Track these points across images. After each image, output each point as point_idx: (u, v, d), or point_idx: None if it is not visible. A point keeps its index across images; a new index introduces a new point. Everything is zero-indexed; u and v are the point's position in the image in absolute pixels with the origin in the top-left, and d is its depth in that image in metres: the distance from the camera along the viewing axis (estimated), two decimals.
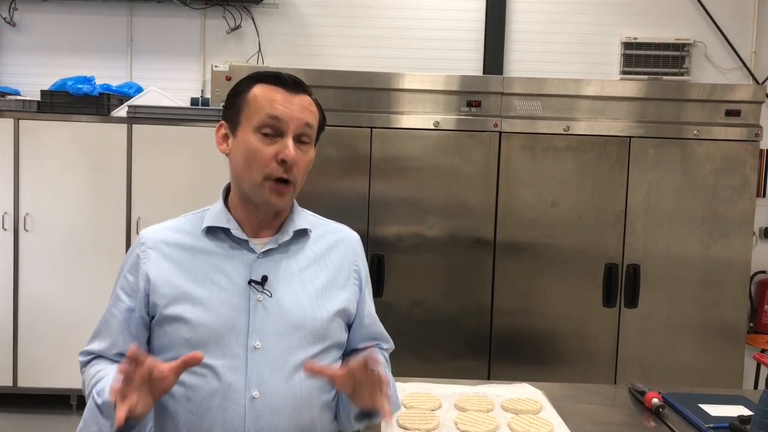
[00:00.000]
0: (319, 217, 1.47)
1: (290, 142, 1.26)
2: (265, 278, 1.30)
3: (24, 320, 3.63)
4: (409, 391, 1.69)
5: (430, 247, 3.21)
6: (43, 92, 3.72)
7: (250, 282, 1.29)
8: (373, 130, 3.18)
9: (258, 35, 4.18)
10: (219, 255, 1.32)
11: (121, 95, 3.85)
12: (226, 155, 1.34)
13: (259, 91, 1.29)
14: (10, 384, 3.63)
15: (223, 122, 1.35)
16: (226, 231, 1.33)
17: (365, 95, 3.18)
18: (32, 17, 4.23)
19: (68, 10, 4.20)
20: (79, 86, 3.64)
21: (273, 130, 1.26)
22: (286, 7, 4.18)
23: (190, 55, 4.22)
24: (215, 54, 4.19)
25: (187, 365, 1.14)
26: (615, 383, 3.13)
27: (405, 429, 1.47)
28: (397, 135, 3.19)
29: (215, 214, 1.35)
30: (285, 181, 1.27)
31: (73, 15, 4.21)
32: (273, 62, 4.11)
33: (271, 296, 1.29)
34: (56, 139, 3.60)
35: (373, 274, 3.14)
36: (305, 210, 1.44)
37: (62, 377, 3.59)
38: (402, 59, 4.11)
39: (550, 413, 1.59)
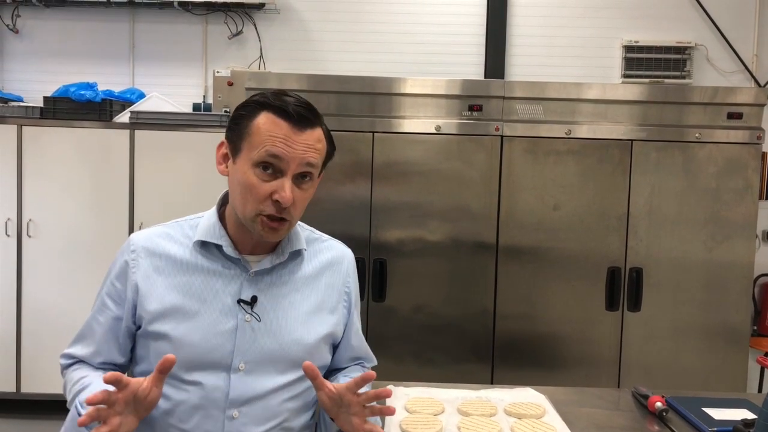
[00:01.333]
0: (315, 231, 1.45)
1: (288, 184, 1.20)
2: (254, 299, 1.27)
3: (27, 326, 3.63)
4: (412, 395, 1.69)
5: (433, 252, 3.21)
6: (45, 98, 3.74)
7: (239, 302, 1.27)
8: (375, 134, 3.19)
9: (260, 41, 4.20)
10: (209, 271, 1.29)
11: (124, 101, 3.87)
12: (225, 176, 1.30)
13: (263, 121, 1.22)
14: (14, 390, 3.63)
15: (224, 141, 1.30)
16: (219, 246, 1.30)
17: (367, 100, 3.19)
18: (35, 24, 4.25)
19: (70, 16, 4.22)
20: (82, 92, 3.66)
21: (272, 168, 1.21)
22: (288, 13, 4.20)
23: (192, 60, 4.23)
24: (217, 59, 4.20)
25: (163, 372, 1.11)
26: (618, 387, 3.13)
27: None
28: (399, 139, 3.19)
29: (208, 227, 1.31)
30: (279, 219, 1.24)
31: (76, 21, 4.23)
32: (275, 67, 4.12)
33: (259, 320, 1.27)
34: (59, 145, 3.62)
35: (375, 279, 3.16)
36: (300, 224, 1.40)
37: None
38: (403, 64, 4.12)
39: (553, 417, 1.59)
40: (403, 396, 1.67)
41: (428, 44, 4.16)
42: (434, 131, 3.18)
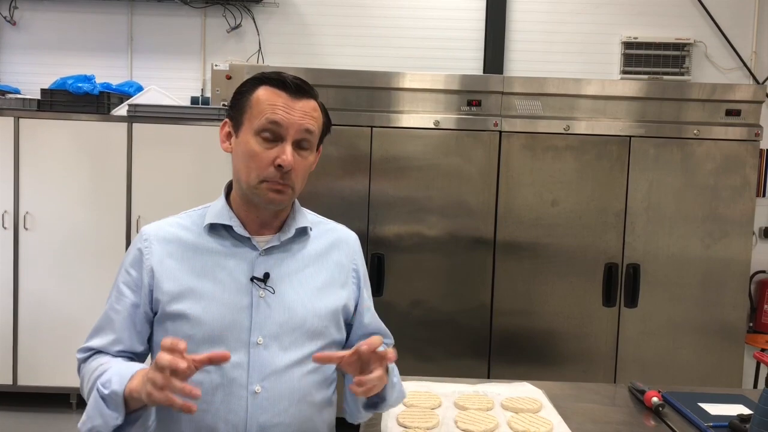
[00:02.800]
0: (318, 216, 1.48)
1: (288, 148, 1.26)
2: (267, 275, 1.31)
3: (24, 319, 3.63)
4: (410, 389, 1.69)
5: (430, 247, 3.21)
6: (43, 91, 3.72)
7: (252, 279, 1.30)
8: (374, 129, 3.18)
9: (258, 34, 4.18)
10: (221, 252, 1.32)
11: (122, 94, 3.85)
12: (229, 153, 1.35)
13: (262, 93, 1.29)
14: (10, 382, 3.63)
15: (227, 120, 1.36)
16: (228, 228, 1.34)
17: (365, 94, 3.18)
18: (32, 16, 4.23)
19: (68, 8, 4.20)
20: (80, 85, 3.64)
21: (272, 134, 1.27)
22: (287, 6, 4.18)
23: (190, 54, 4.22)
24: (215, 53, 4.18)
25: (213, 362, 1.11)
26: (615, 382, 3.14)
27: (405, 427, 1.47)
28: (398, 134, 3.19)
29: (217, 211, 1.35)
30: (283, 184, 1.29)
31: (74, 14, 4.21)
32: (273, 61, 4.10)
33: (273, 293, 1.31)
34: (56, 137, 3.60)
35: (373, 274, 3.15)
36: (305, 209, 1.44)
37: (62, 376, 3.59)
38: (402, 58, 4.11)
39: (549, 412, 1.59)
40: None
41: (427, 39, 4.15)
42: (433, 126, 3.18)
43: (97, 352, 1.33)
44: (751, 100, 3.19)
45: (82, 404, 3.71)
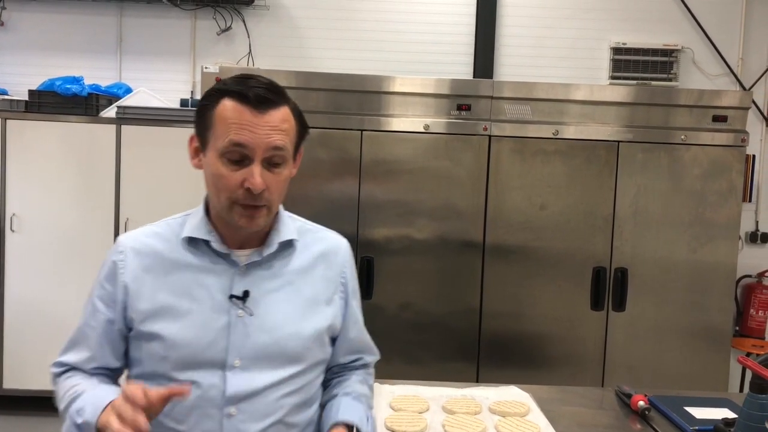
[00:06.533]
0: (308, 222, 1.41)
1: (257, 170, 1.17)
2: (246, 293, 1.25)
3: (10, 321, 3.60)
4: (397, 393, 1.69)
5: (420, 250, 3.21)
6: (31, 92, 3.69)
7: (231, 297, 1.24)
8: (363, 132, 3.19)
9: (248, 37, 4.18)
10: (199, 268, 1.26)
11: (110, 96, 3.83)
12: (198, 169, 1.28)
13: (223, 109, 1.18)
14: None
15: (194, 135, 1.27)
16: (207, 242, 1.27)
17: (355, 98, 3.18)
18: (21, 16, 4.20)
19: (57, 9, 4.17)
20: (68, 86, 3.62)
21: (239, 155, 1.18)
22: (277, 9, 4.18)
23: (180, 56, 4.20)
24: (205, 55, 4.17)
25: (174, 396, 1.10)
26: (602, 386, 3.15)
27: (392, 431, 1.47)
28: (387, 138, 3.19)
29: (195, 224, 1.28)
30: (254, 206, 1.21)
31: (62, 14, 4.18)
32: (263, 64, 4.10)
33: (252, 315, 1.25)
34: (44, 139, 3.58)
35: (362, 277, 3.14)
36: (292, 216, 1.38)
37: (49, 379, 3.56)
38: (392, 62, 4.12)
39: (537, 416, 1.60)
40: (388, 394, 1.68)
41: (418, 43, 4.16)
42: (423, 130, 3.19)
43: (72, 368, 1.30)
44: (738, 106, 3.22)
45: None
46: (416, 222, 3.20)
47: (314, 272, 1.34)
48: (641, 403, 1.67)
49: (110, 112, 3.64)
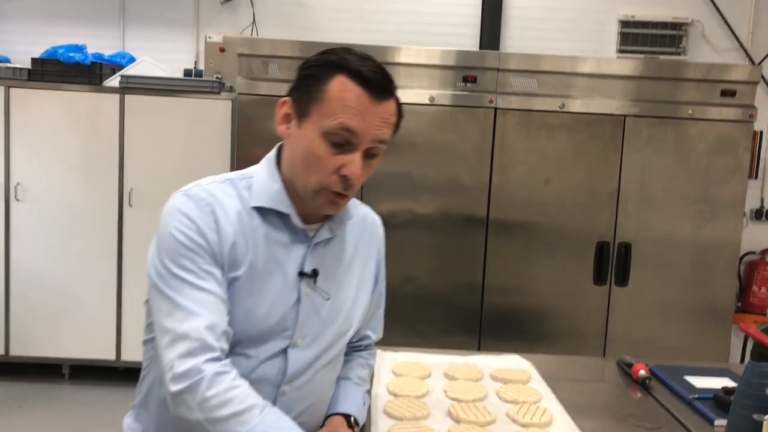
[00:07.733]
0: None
1: (358, 159, 1.10)
2: (315, 272, 1.20)
3: (16, 289, 3.62)
4: (400, 359, 1.70)
5: (423, 224, 3.21)
6: (33, 60, 3.67)
7: (300, 274, 1.19)
8: None
9: (252, 6, 4.13)
10: (276, 241, 1.18)
11: (114, 65, 3.81)
12: (284, 137, 1.18)
13: (338, 87, 1.09)
14: (2, 353, 3.63)
15: (288, 99, 1.16)
16: (279, 213, 1.18)
17: None
18: None
19: None
20: (71, 54, 3.59)
21: (343, 140, 1.09)
22: None
23: (183, 25, 4.16)
24: (209, 25, 4.13)
25: None
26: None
27: (395, 395, 1.48)
28: None
29: (273, 194, 1.17)
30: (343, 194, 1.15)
31: None
32: (267, 34, 4.06)
33: (318, 293, 1.21)
34: (47, 107, 3.56)
35: None
36: None
37: (54, 346, 3.60)
38: (398, 33, 4.07)
39: (538, 383, 1.61)
40: (390, 360, 1.69)
41: (424, 14, 4.11)
42: (428, 102, 3.16)
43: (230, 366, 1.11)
44: (747, 81, 3.18)
45: (74, 375, 3.74)
46: (419, 196, 3.20)
47: (360, 251, 1.33)
48: (642, 372, 1.67)
49: (113, 81, 3.62)
